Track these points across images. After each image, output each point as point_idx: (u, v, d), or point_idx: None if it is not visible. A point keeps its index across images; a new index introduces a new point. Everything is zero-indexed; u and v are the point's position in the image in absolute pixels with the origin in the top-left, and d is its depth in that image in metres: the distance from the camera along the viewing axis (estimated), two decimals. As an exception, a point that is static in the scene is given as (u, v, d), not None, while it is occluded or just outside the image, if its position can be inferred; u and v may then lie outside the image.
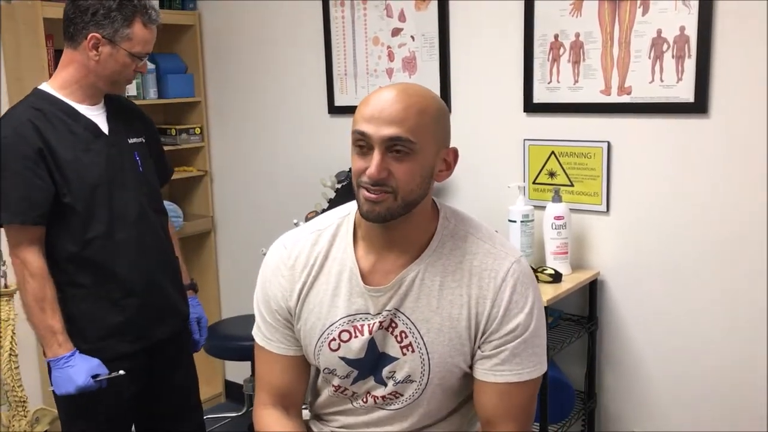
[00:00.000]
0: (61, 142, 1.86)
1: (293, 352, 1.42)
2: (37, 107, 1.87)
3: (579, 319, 2.37)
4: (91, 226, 1.89)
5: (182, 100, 3.26)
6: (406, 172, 1.23)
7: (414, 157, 1.23)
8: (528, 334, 1.31)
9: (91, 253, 1.89)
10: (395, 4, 2.64)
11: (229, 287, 3.41)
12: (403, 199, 1.25)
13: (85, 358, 1.87)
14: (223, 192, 3.41)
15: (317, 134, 2.96)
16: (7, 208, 1.83)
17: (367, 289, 1.33)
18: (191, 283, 2.27)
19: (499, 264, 1.32)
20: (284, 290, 1.39)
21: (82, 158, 1.88)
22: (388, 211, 1.25)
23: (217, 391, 3.55)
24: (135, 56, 1.90)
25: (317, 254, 1.37)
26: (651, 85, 2.16)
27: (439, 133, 1.28)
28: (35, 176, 1.82)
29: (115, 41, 1.86)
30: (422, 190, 1.27)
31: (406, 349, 1.33)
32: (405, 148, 1.22)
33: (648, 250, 2.25)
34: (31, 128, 1.83)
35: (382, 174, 1.22)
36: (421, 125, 1.23)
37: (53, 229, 1.88)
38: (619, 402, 2.39)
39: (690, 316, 2.20)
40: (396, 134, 1.21)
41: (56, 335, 1.85)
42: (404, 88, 1.26)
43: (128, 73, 1.92)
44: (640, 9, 2.14)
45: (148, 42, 1.91)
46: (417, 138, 1.22)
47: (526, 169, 2.43)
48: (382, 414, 1.40)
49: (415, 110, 1.22)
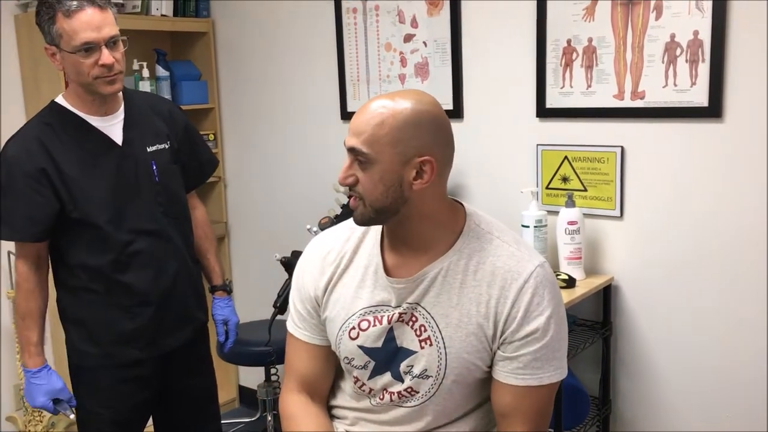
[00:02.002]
0: (68, 158, 1.84)
1: (319, 342, 1.49)
2: (48, 122, 1.87)
3: (593, 325, 2.36)
4: (102, 239, 1.88)
5: (196, 106, 3.28)
6: (366, 180, 1.31)
7: (372, 167, 1.29)
8: (549, 339, 1.33)
9: (102, 265, 1.89)
10: (407, 10, 2.65)
11: (242, 293, 3.42)
12: (371, 205, 1.32)
13: (51, 378, 1.89)
14: (236, 198, 3.42)
15: (330, 140, 2.97)
16: (8, 225, 1.85)
17: (390, 281, 1.38)
18: (223, 283, 2.24)
19: (522, 266, 1.34)
20: (314, 280, 1.47)
21: (91, 173, 1.86)
22: (362, 216, 1.34)
23: (231, 397, 3.56)
24: (81, 50, 1.74)
25: (348, 249, 1.45)
26: (664, 89, 2.15)
27: (405, 143, 1.28)
28: (37, 194, 1.82)
29: (57, 44, 1.77)
30: (392, 198, 1.31)
31: (425, 343, 1.37)
32: (362, 158, 1.29)
33: (662, 255, 2.24)
34: (37, 145, 1.83)
35: (347, 180, 1.32)
36: (378, 136, 1.28)
37: (66, 239, 1.89)
38: (634, 408, 2.37)
39: (705, 321, 2.18)
40: (352, 145, 1.30)
41: (30, 346, 1.88)
42: (382, 99, 1.31)
43: (90, 70, 1.76)
44: (653, 13, 2.13)
45: (82, 30, 1.72)
46: (371, 149, 1.28)
47: (539, 174, 2.43)
48: (399, 412, 1.43)
49: (374, 122, 1.28)
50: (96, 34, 1.74)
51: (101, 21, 1.75)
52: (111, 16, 1.80)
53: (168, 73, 3.18)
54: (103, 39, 1.76)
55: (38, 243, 1.87)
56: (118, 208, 1.89)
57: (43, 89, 2.85)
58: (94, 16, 1.74)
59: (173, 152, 2.02)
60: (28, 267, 1.88)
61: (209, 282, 2.24)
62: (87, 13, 1.74)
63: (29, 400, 1.91)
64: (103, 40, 1.76)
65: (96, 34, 1.74)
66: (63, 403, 1.90)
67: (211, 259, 2.21)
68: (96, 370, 1.94)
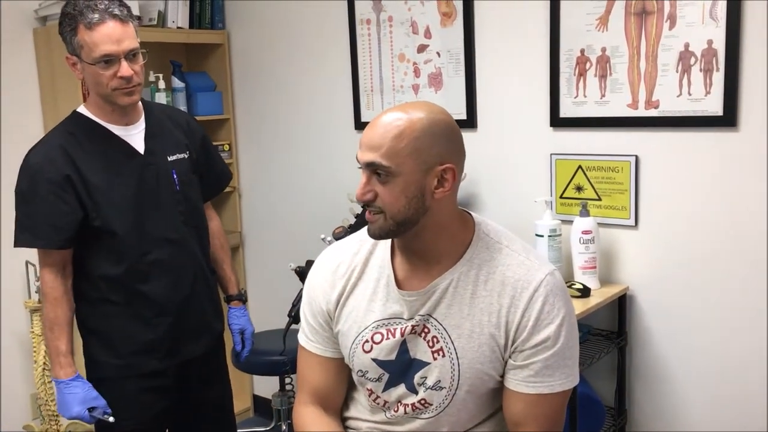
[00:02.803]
0: (91, 166, 1.86)
1: (331, 354, 1.49)
2: (71, 131, 1.89)
3: (608, 334, 2.35)
4: (122, 248, 1.89)
5: (211, 117, 3.30)
6: (388, 193, 1.29)
7: (394, 180, 1.29)
8: (559, 347, 1.33)
9: (122, 274, 1.90)
10: (421, 21, 2.66)
11: (257, 302, 3.43)
12: (392, 218, 1.31)
13: (84, 387, 1.88)
14: (251, 208, 3.44)
15: (344, 150, 2.98)
16: (32, 232, 1.86)
17: (402, 294, 1.38)
18: (239, 293, 2.26)
19: (532, 275, 1.34)
20: (326, 294, 1.46)
21: (113, 181, 1.88)
22: (381, 230, 1.33)
23: (246, 406, 3.56)
24: (100, 61, 1.77)
25: (358, 262, 1.45)
26: (679, 98, 2.15)
27: (426, 152, 1.29)
28: (61, 201, 1.83)
29: (78, 54, 1.80)
30: (414, 209, 1.31)
31: (437, 354, 1.37)
32: (382, 171, 1.28)
33: (677, 265, 2.22)
34: (61, 154, 1.84)
35: (366, 196, 1.31)
36: (397, 149, 1.27)
37: (86, 249, 1.90)
38: (650, 418, 2.36)
39: (721, 331, 2.17)
40: (371, 160, 1.29)
41: (60, 357, 1.87)
42: (394, 112, 1.30)
43: (109, 81, 1.80)
44: (667, 23, 2.13)
45: (102, 42, 1.75)
46: (391, 162, 1.27)
47: (553, 184, 2.43)
48: (416, 424, 1.42)
49: (391, 135, 1.27)
50: (116, 47, 1.77)
51: (121, 34, 1.78)
52: (132, 29, 1.82)
53: (184, 85, 3.21)
54: (123, 52, 1.79)
55: (62, 250, 1.88)
56: (139, 217, 1.90)
57: (61, 101, 2.88)
58: (114, 29, 1.77)
59: (192, 162, 2.04)
60: (53, 275, 1.88)
61: (225, 292, 2.25)
62: (108, 26, 1.76)
63: (63, 411, 1.88)
64: (122, 53, 1.79)
65: (116, 47, 1.77)
66: (98, 410, 1.88)
67: (227, 269, 2.23)
68: (115, 380, 1.95)
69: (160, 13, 3.09)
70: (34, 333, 2.78)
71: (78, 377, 1.89)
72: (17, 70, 2.96)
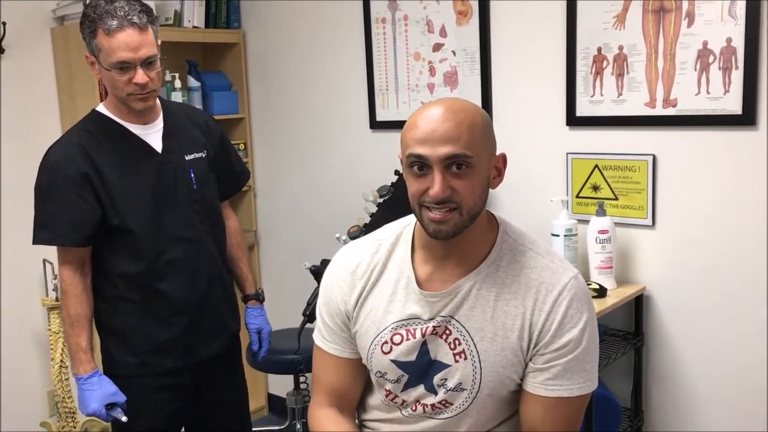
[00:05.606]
0: (109, 165, 1.87)
1: (348, 355, 1.47)
2: (89, 129, 1.91)
3: (625, 335, 2.34)
4: (140, 246, 1.90)
5: (227, 116, 3.31)
6: (467, 186, 1.27)
7: (472, 171, 1.27)
8: (580, 351, 1.31)
9: (139, 273, 1.91)
10: (436, 20, 2.65)
11: (272, 301, 3.41)
12: (468, 213, 1.28)
13: (102, 383, 1.89)
14: (266, 207, 3.45)
15: (359, 149, 2.98)
16: (52, 229, 1.87)
17: (423, 295, 1.36)
18: (256, 292, 2.26)
19: (557, 278, 1.33)
20: (344, 294, 1.44)
21: (131, 180, 1.89)
22: (455, 228, 1.29)
23: (260, 405, 3.57)
24: (116, 67, 1.78)
25: (377, 262, 1.43)
26: (697, 97, 2.13)
27: (488, 142, 1.31)
28: (80, 199, 1.85)
29: (97, 56, 1.81)
30: (483, 201, 1.31)
31: (459, 356, 1.35)
32: (463, 163, 1.25)
33: (695, 265, 2.21)
34: (80, 152, 1.86)
35: (446, 192, 1.25)
36: (474, 139, 1.26)
37: (104, 247, 1.92)
38: (666, 419, 2.34)
39: (739, 331, 2.15)
40: (453, 152, 1.24)
41: (80, 353, 1.89)
42: (449, 104, 1.29)
43: (124, 87, 1.81)
44: (686, 21, 2.11)
45: (119, 49, 1.76)
46: (473, 152, 1.26)
47: (569, 183, 2.42)
48: (431, 424, 1.41)
49: (466, 125, 1.26)
50: (132, 54, 1.78)
51: (139, 42, 1.78)
52: (151, 36, 1.82)
53: (199, 84, 3.23)
54: (139, 59, 1.79)
55: (81, 248, 1.89)
56: (156, 215, 1.91)
57: (78, 101, 2.90)
58: (132, 37, 1.77)
59: (210, 161, 2.05)
60: (72, 272, 1.89)
61: (242, 291, 2.25)
62: (126, 33, 1.76)
63: (82, 407, 1.90)
64: (139, 61, 1.79)
65: (132, 55, 1.78)
66: (116, 408, 1.89)
67: (244, 268, 2.23)
68: (132, 379, 1.95)
69: (176, 13, 3.10)
70: (51, 330, 2.80)
71: (96, 373, 1.90)
72: (35, 69, 2.98)
